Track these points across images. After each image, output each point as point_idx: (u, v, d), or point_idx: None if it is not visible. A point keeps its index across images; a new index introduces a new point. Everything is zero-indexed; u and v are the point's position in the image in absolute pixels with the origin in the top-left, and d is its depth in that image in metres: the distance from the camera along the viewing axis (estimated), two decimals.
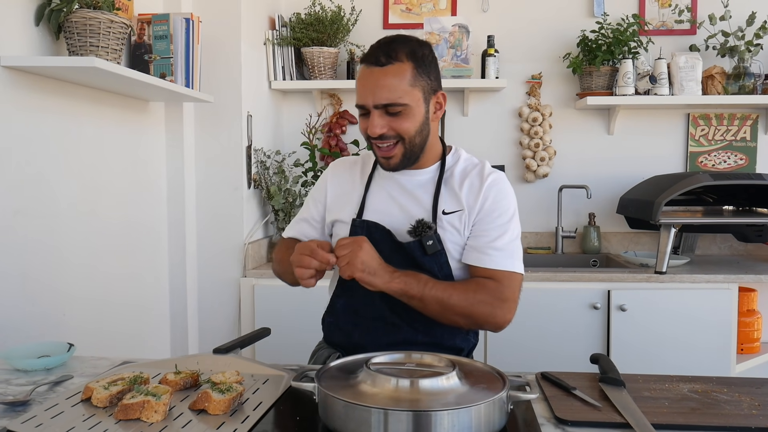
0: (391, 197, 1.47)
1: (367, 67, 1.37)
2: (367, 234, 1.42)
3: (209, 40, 2.67)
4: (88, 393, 1.19)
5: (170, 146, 2.63)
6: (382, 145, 1.38)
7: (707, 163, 3.18)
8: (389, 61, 1.34)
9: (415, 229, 1.39)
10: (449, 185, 1.46)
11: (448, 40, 3.07)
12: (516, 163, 3.28)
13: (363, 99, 1.37)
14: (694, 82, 2.97)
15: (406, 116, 1.36)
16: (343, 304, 1.50)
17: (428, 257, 1.40)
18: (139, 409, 1.10)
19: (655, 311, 2.58)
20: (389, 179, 1.49)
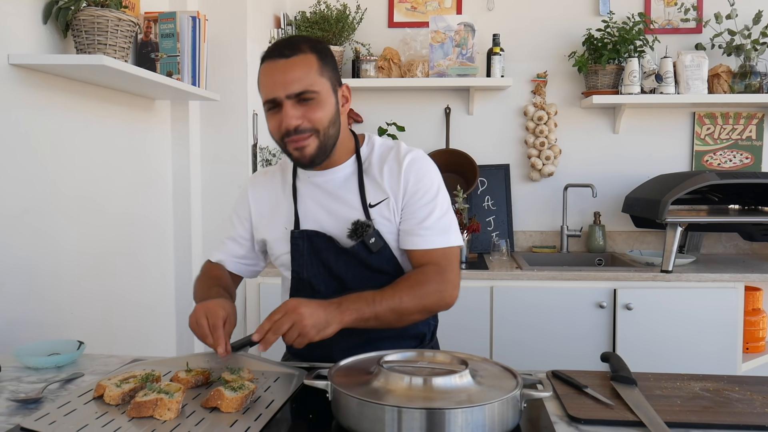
0: (320, 203, 1.43)
1: (271, 61, 1.32)
2: (309, 243, 1.40)
3: (215, 39, 2.67)
4: (100, 391, 1.19)
5: (176, 144, 2.63)
6: (297, 138, 1.31)
7: (713, 162, 3.18)
8: (294, 53, 1.31)
9: (354, 231, 1.37)
10: (370, 175, 1.42)
11: (454, 38, 3.07)
12: (521, 162, 3.27)
13: (273, 92, 1.30)
14: (700, 80, 2.97)
15: (318, 105, 1.31)
16: None
17: (374, 255, 1.38)
18: (152, 406, 1.10)
19: (662, 310, 2.58)
20: (312, 185, 1.45)
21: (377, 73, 3.14)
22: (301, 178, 1.46)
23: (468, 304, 2.64)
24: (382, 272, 1.39)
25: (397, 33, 3.27)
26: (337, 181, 1.42)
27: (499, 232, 3.21)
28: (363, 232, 1.36)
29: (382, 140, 1.51)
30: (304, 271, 1.41)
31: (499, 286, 2.64)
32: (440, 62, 3.08)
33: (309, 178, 1.44)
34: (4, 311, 1.67)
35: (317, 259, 1.40)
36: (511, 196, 3.24)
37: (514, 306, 2.63)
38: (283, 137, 1.33)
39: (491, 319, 2.64)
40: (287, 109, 1.29)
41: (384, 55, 3.15)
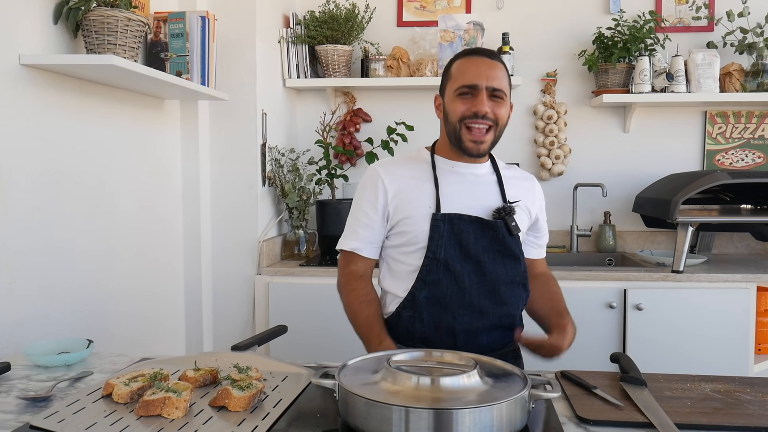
0: (463, 189, 1.54)
1: (478, 57, 1.51)
2: (449, 226, 1.49)
3: (224, 39, 2.67)
4: (109, 389, 1.19)
5: (185, 144, 2.64)
6: (480, 126, 1.47)
7: (724, 162, 3.15)
8: (496, 59, 1.51)
9: (499, 212, 1.50)
10: (504, 181, 1.60)
11: (463, 37, 3.06)
12: (531, 161, 3.26)
13: (476, 79, 1.47)
14: (711, 79, 2.94)
15: (503, 105, 1.50)
16: (427, 296, 1.50)
17: (512, 238, 1.52)
18: (160, 405, 1.10)
19: (672, 311, 2.56)
20: (455, 174, 1.56)
21: (386, 72, 3.14)
22: (442, 168, 1.57)
23: None
24: (514, 257, 1.53)
25: (406, 32, 3.26)
26: (479, 175, 1.57)
27: None
28: (508, 213, 1.50)
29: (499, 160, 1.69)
30: (442, 251, 1.48)
31: None
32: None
33: (453, 168, 1.56)
34: (15, 310, 1.68)
35: (456, 240, 1.49)
36: None
37: None
38: (463, 119, 1.48)
39: None
40: (483, 98, 1.46)
41: (393, 55, 3.15)
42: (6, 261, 1.65)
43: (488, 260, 1.49)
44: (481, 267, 1.49)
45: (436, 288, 1.49)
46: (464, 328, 1.47)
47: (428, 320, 1.49)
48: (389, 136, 3.12)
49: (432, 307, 1.49)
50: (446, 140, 1.58)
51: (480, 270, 1.49)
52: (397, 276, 1.56)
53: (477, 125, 1.47)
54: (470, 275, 1.48)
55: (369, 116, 3.30)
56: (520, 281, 1.55)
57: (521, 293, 1.56)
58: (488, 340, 1.52)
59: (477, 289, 1.49)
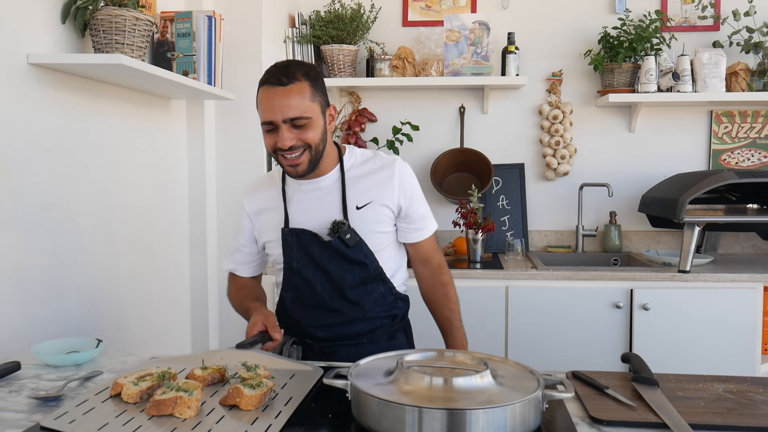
0: (307, 206, 1.65)
1: (270, 87, 1.50)
2: (297, 239, 1.62)
3: (230, 38, 2.67)
4: (117, 389, 1.19)
5: (191, 144, 2.64)
6: (291, 155, 1.52)
7: (730, 161, 3.14)
8: (290, 81, 1.49)
9: (333, 229, 1.59)
10: (356, 182, 1.64)
11: (468, 37, 3.05)
12: (536, 161, 3.26)
13: (271, 116, 1.49)
14: (717, 78, 2.93)
15: (309, 127, 1.51)
16: (291, 297, 1.68)
17: (351, 248, 1.60)
18: (171, 405, 1.10)
19: (679, 311, 2.56)
20: (300, 192, 1.66)
21: (392, 72, 3.14)
22: (291, 186, 1.68)
23: (483, 304, 2.63)
24: (359, 263, 1.62)
25: (412, 32, 3.26)
26: (322, 189, 1.64)
27: (513, 232, 3.19)
28: (339, 230, 1.59)
29: (362, 151, 1.72)
30: (294, 262, 1.63)
31: (515, 286, 2.63)
32: (455, 61, 3.07)
33: (299, 186, 1.66)
34: (24, 309, 1.68)
35: (304, 252, 1.62)
36: (525, 195, 3.23)
37: (530, 306, 2.62)
38: (276, 152, 1.53)
39: (506, 319, 2.63)
40: (283, 132, 1.49)
41: (398, 54, 3.15)
42: (15, 260, 1.65)
43: (335, 268, 1.61)
44: (329, 274, 1.62)
45: (297, 291, 1.67)
46: (322, 323, 1.65)
47: (294, 317, 1.68)
48: (394, 135, 3.13)
49: (296, 307, 1.68)
50: None
51: (328, 277, 1.62)
52: (278, 271, 1.74)
53: (287, 155, 1.52)
54: (321, 281, 1.63)
55: (374, 116, 3.30)
56: (372, 279, 1.64)
57: (377, 288, 1.66)
58: (350, 329, 1.66)
59: (329, 293, 1.64)
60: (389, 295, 1.68)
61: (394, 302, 1.70)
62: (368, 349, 1.57)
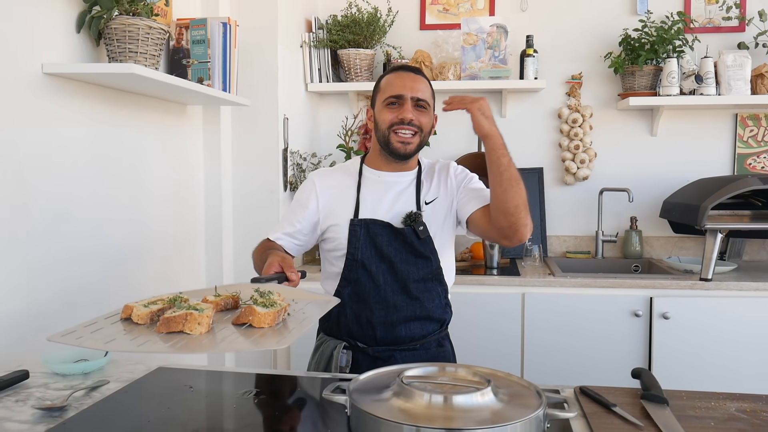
0: (382, 197, 1.70)
1: (404, 72, 1.68)
2: (365, 230, 1.65)
3: (246, 44, 2.68)
4: (128, 311, 1.19)
5: (208, 149, 2.65)
6: (407, 132, 1.63)
7: (756, 166, 3.06)
8: (420, 74, 1.69)
9: (408, 218, 1.65)
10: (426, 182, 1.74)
11: (486, 40, 3.02)
12: (555, 165, 3.21)
13: (401, 90, 1.63)
14: (742, 81, 2.86)
15: (427, 114, 1.67)
16: (349, 292, 1.67)
17: (421, 241, 1.65)
18: (182, 321, 1.09)
19: (700, 320, 2.50)
20: (380, 183, 1.72)
21: None
22: (368, 178, 1.73)
23: (499, 310, 2.60)
24: (425, 257, 1.66)
25: (429, 35, 3.24)
26: (401, 184, 1.72)
27: (532, 237, 3.15)
28: (415, 220, 1.65)
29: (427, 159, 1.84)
30: (359, 253, 1.65)
31: (531, 293, 2.59)
32: (472, 64, 3.04)
33: (379, 177, 1.72)
34: (36, 317, 1.70)
35: (371, 243, 1.65)
36: (544, 200, 3.18)
37: (546, 313, 2.58)
38: (392, 126, 1.63)
39: (522, 326, 2.60)
40: (408, 106, 1.62)
41: (415, 58, 3.13)
42: (28, 268, 1.67)
43: (400, 261, 1.65)
44: (394, 267, 1.65)
45: (356, 285, 1.67)
46: (380, 320, 1.65)
47: (350, 314, 1.67)
48: None
49: (353, 303, 1.67)
50: (376, 150, 1.73)
51: (393, 269, 1.65)
52: (329, 277, 1.75)
53: (403, 131, 1.63)
54: (384, 274, 1.65)
55: None
56: (432, 277, 1.68)
57: (435, 288, 1.70)
58: (405, 331, 1.66)
59: (391, 286, 1.66)
60: (444, 296, 1.74)
61: (445, 307, 1.75)
62: (422, 356, 1.67)
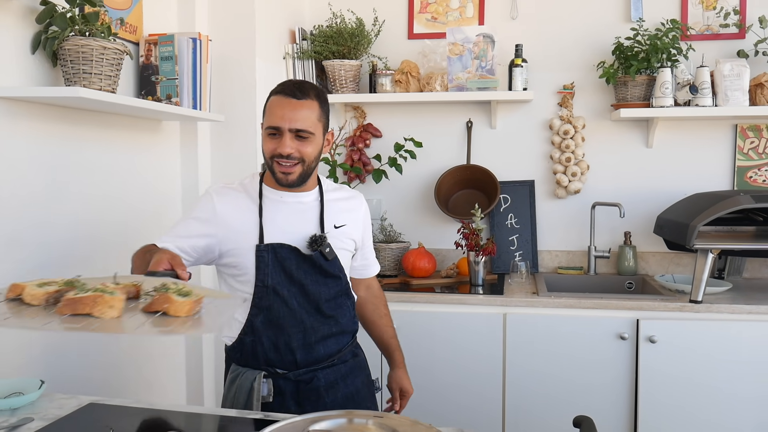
0: (285, 219, 1.66)
1: (284, 97, 1.60)
2: (273, 255, 1.61)
3: (223, 58, 2.64)
4: (17, 290, 1.07)
5: (185, 165, 2.62)
6: (286, 163, 1.59)
7: (757, 179, 2.93)
8: (303, 96, 1.60)
9: (313, 242, 1.63)
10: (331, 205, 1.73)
11: (472, 50, 2.94)
12: (547, 178, 3.11)
13: (279, 122, 1.58)
14: (740, 91, 2.73)
15: (310, 143, 1.61)
16: (262, 320, 1.62)
17: (329, 262, 1.65)
18: (90, 303, 0.99)
19: (688, 344, 2.38)
20: (282, 204, 1.68)
21: (394, 87, 3.05)
22: (270, 198, 1.68)
23: (480, 331, 2.52)
24: (334, 276, 1.68)
25: (417, 45, 3.17)
26: (304, 204, 1.70)
27: (522, 252, 3.06)
28: (321, 243, 1.64)
29: (329, 181, 1.83)
30: (269, 279, 1.61)
31: (513, 313, 2.51)
32: (459, 75, 2.96)
33: (281, 198, 1.68)
34: None
35: (280, 267, 1.62)
36: (536, 213, 3.09)
37: (529, 335, 2.49)
38: (273, 158, 1.60)
39: (504, 349, 2.51)
40: (286, 140, 1.58)
41: (401, 69, 3.06)
42: None
43: (311, 282, 1.64)
44: (305, 289, 1.63)
45: (269, 312, 1.62)
46: (299, 343, 1.64)
47: (267, 342, 1.63)
48: (397, 152, 3.04)
49: (268, 330, 1.63)
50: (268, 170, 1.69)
51: (304, 291, 1.64)
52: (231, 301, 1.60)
53: (284, 162, 1.60)
54: (296, 297, 1.63)
55: (379, 131, 3.22)
56: (342, 293, 1.71)
57: (345, 302, 1.73)
58: (324, 350, 1.67)
59: (305, 308, 1.64)
60: (353, 308, 1.78)
61: (354, 318, 1.80)
62: (341, 369, 1.70)
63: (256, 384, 1.60)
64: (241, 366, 1.67)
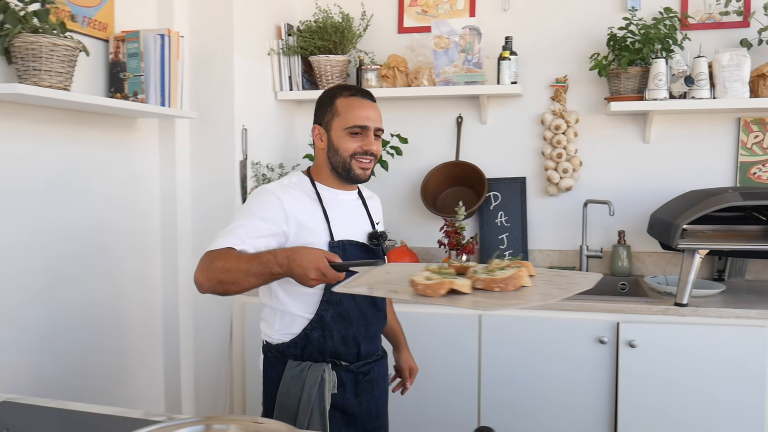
0: (345, 216, 1.71)
1: (363, 99, 1.71)
2: (343, 251, 1.64)
3: (201, 55, 2.64)
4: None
5: (163, 162, 2.62)
6: (367, 160, 1.68)
7: (762, 175, 2.76)
8: (374, 100, 1.74)
9: (374, 238, 1.74)
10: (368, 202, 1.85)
11: (459, 43, 2.85)
12: (539, 175, 3.00)
13: (366, 121, 1.67)
14: (739, 82, 2.57)
15: (380, 141, 1.75)
16: (332, 315, 1.66)
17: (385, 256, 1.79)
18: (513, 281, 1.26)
19: (671, 350, 2.25)
20: (338, 202, 1.73)
21: (380, 82, 2.99)
22: (327, 196, 1.72)
23: (454, 334, 2.44)
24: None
25: (408, 39, 3.09)
26: (354, 202, 1.79)
27: (513, 252, 2.96)
28: (383, 238, 1.75)
29: None
30: None
31: (489, 315, 2.42)
32: (445, 69, 2.88)
33: (336, 196, 1.73)
34: None
35: None
36: (527, 211, 2.98)
37: (504, 338, 2.40)
38: (355, 155, 1.67)
39: (479, 353, 2.43)
40: (372, 137, 1.69)
41: (388, 63, 2.99)
42: None
43: None
44: None
45: (339, 306, 1.67)
46: (363, 336, 1.71)
47: (337, 336, 1.67)
48: (383, 149, 2.97)
49: (338, 324, 1.67)
50: (326, 169, 1.73)
51: None
52: (297, 298, 1.67)
53: (366, 159, 1.69)
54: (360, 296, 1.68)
55: None
56: None
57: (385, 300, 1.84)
58: (378, 342, 1.80)
59: (365, 301, 1.71)
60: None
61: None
62: (384, 363, 1.84)
63: (327, 375, 1.63)
64: (302, 360, 1.67)
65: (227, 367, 2.71)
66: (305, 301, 1.66)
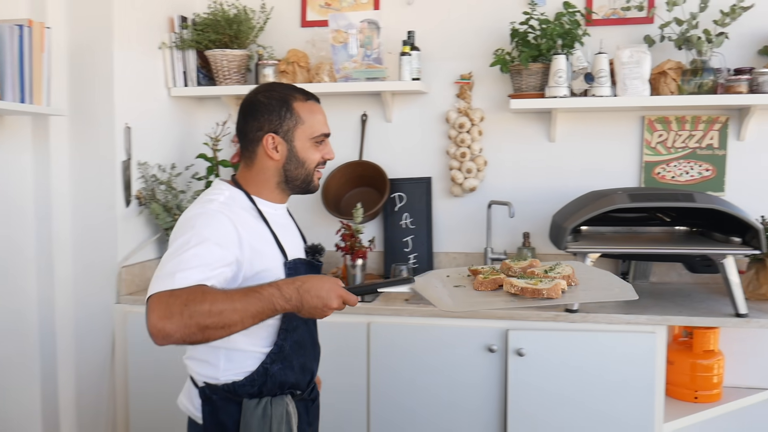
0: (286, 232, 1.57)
1: (317, 104, 1.55)
2: (295, 272, 1.49)
3: (79, 48, 2.47)
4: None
5: (37, 164, 2.44)
6: (323, 168, 1.57)
7: (665, 175, 2.70)
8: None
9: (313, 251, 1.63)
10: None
11: (357, 38, 2.73)
12: (444, 175, 2.90)
13: (327, 129, 1.55)
14: (639, 80, 2.50)
15: None
16: (291, 344, 1.51)
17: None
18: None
19: (559, 358, 2.18)
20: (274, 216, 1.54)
21: (278, 77, 2.85)
22: (268, 212, 1.53)
23: (342, 343, 2.32)
24: None
25: (310, 33, 2.96)
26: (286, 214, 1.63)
27: (418, 254, 2.86)
28: (321, 252, 1.65)
29: None
30: None
31: (377, 323, 2.31)
32: (345, 65, 2.76)
33: (275, 211, 1.55)
34: None
35: None
36: (431, 213, 2.88)
37: (394, 347, 2.30)
38: (317, 165, 1.55)
39: (368, 362, 2.32)
40: (330, 144, 1.56)
41: (287, 59, 2.86)
42: None
43: None
44: None
45: (296, 333, 1.52)
46: (315, 362, 1.63)
47: (297, 365, 1.53)
48: None
49: (296, 353, 1.53)
50: (271, 183, 1.52)
51: None
52: (250, 332, 1.37)
53: (322, 168, 1.57)
54: None
55: None
56: None
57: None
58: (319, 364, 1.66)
59: (314, 325, 1.62)
60: None
61: None
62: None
63: (292, 409, 1.50)
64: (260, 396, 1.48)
65: (109, 383, 2.55)
66: (259, 335, 1.46)
